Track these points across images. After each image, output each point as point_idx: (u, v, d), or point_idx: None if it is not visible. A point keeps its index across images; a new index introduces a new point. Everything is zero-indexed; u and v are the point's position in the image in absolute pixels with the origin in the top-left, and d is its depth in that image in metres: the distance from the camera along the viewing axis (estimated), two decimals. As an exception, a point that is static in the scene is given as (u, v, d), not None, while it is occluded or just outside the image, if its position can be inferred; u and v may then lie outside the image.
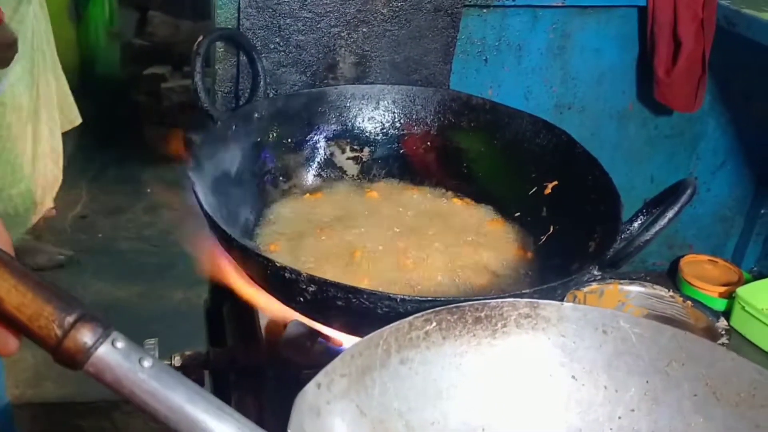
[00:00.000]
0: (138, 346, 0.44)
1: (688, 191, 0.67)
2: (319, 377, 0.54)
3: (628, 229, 0.76)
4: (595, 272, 0.71)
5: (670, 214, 0.66)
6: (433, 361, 0.61)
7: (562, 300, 0.68)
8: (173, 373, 0.44)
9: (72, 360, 0.43)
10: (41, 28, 2.21)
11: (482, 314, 0.62)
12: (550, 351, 0.63)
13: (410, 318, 0.59)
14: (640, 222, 0.77)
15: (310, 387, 0.52)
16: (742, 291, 1.31)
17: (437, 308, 0.60)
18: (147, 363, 0.43)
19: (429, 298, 0.62)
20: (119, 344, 0.43)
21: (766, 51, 1.14)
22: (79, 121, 2.52)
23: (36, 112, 2.21)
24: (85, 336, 0.42)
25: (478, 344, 0.62)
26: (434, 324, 0.60)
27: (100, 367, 0.42)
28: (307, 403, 0.51)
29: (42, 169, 2.32)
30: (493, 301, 0.62)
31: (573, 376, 0.64)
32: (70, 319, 0.42)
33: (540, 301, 0.63)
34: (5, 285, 0.42)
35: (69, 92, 2.46)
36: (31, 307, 0.42)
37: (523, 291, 0.63)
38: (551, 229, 0.94)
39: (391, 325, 0.58)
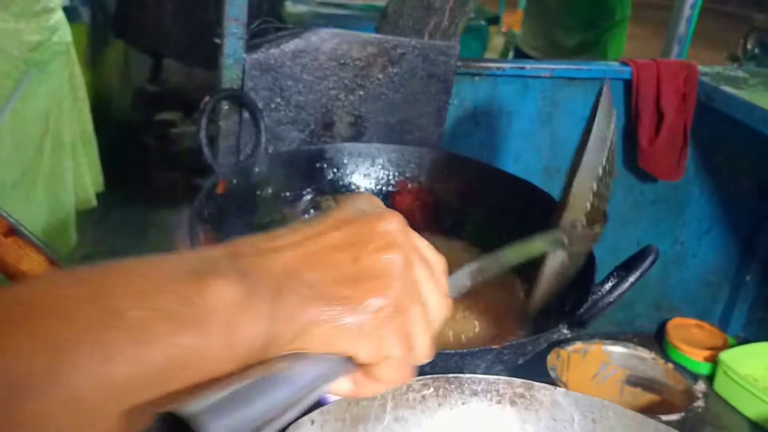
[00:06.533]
0: None
1: (650, 258, 0.71)
2: (314, 414, 0.57)
3: (599, 291, 0.79)
4: (565, 330, 0.74)
5: (631, 278, 0.70)
6: (426, 426, 0.63)
7: (541, 351, 0.70)
8: None
9: None
10: (64, 107, 2.14)
11: (479, 387, 0.65)
12: (542, 433, 0.65)
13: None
14: (610, 284, 0.79)
15: (304, 421, 0.55)
16: (725, 356, 1.33)
17: (437, 375, 0.63)
18: None
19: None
20: None
21: (745, 126, 1.20)
22: (93, 203, 2.50)
23: (32, 189, 2.08)
24: None
25: (472, 416, 0.65)
26: (432, 389, 0.63)
27: None
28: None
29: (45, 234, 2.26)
30: (491, 377, 0.65)
31: (561, 459, 0.65)
32: None
33: (535, 383, 0.65)
34: None
35: (88, 179, 2.43)
36: None
37: (492, 347, 0.66)
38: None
39: None
